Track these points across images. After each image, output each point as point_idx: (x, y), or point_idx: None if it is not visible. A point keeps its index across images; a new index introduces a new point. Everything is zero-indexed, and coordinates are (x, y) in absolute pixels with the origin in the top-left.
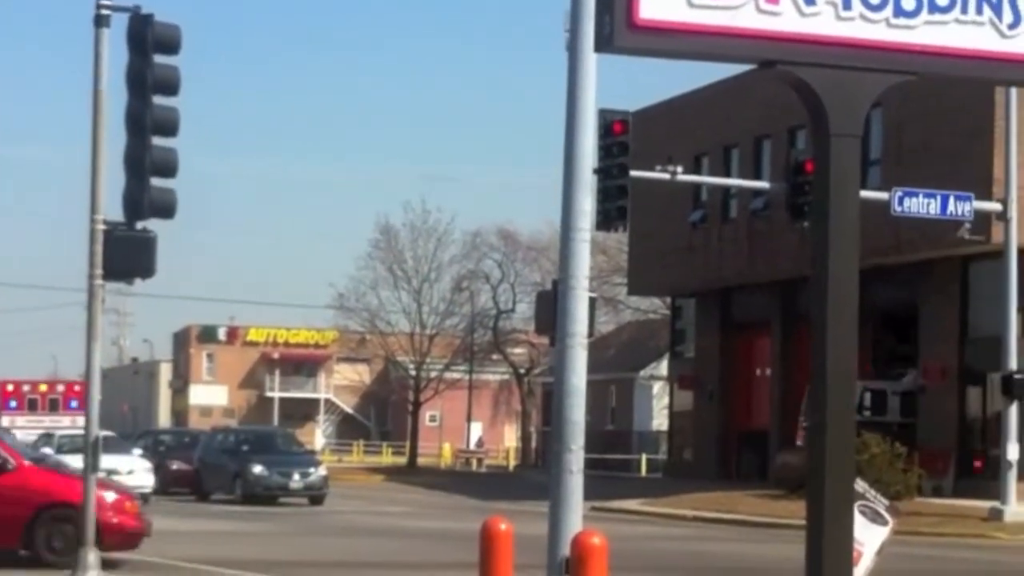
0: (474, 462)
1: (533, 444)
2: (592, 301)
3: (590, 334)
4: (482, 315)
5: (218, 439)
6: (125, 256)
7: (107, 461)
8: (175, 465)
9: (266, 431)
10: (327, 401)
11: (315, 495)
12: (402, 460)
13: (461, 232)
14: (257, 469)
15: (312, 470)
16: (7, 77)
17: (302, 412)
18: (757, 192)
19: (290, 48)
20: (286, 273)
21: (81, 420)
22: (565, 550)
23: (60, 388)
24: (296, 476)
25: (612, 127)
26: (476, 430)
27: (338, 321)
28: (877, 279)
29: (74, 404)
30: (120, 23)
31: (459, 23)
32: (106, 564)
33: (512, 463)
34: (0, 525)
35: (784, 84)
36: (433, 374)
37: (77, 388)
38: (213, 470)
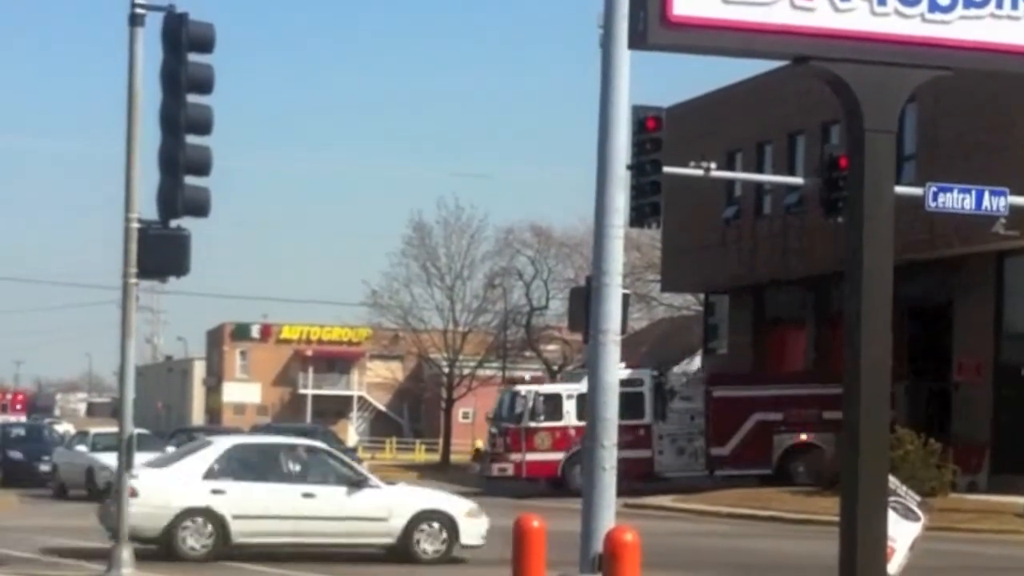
0: None
1: None
2: (625, 297)
3: (623, 331)
4: (515, 312)
5: None
6: (159, 254)
7: (141, 459)
8: None
9: (306, 429)
10: (360, 398)
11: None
12: (435, 457)
13: (494, 229)
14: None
15: None
16: (45, 73)
17: (335, 409)
18: (791, 188)
19: (324, 45)
20: (320, 270)
21: (21, 419)
22: (598, 546)
23: (8, 396)
24: None
25: (645, 123)
26: None
27: (371, 318)
28: (911, 275)
29: (18, 407)
30: (155, 22)
31: (493, 19)
32: (140, 560)
33: None
34: None
35: (818, 80)
36: (466, 371)
37: (20, 396)
38: None
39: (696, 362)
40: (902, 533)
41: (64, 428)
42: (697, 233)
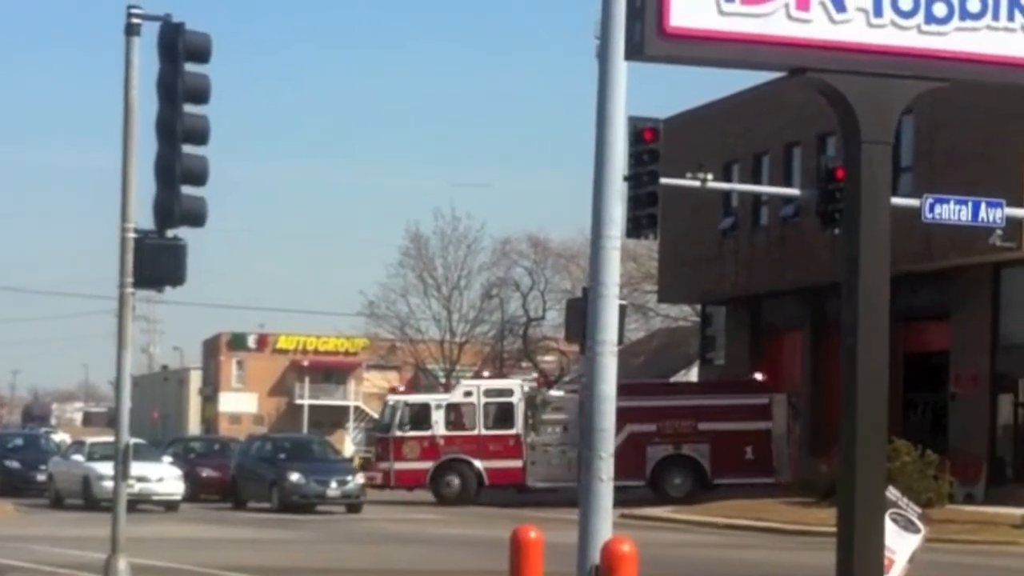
0: None
1: None
2: (622, 308)
3: (620, 341)
4: (512, 322)
5: (255, 447)
6: (155, 264)
7: (137, 468)
8: (205, 472)
9: (303, 439)
10: (357, 408)
11: (352, 503)
12: None
13: (491, 239)
14: (294, 477)
15: (349, 478)
16: (40, 84)
17: (332, 419)
18: (788, 199)
19: (321, 55)
20: (316, 281)
21: None
22: (595, 557)
23: None
24: (333, 484)
25: (642, 134)
26: None
27: (368, 329)
28: (908, 286)
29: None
30: (151, 32)
31: (491, 28)
32: (136, 571)
33: None
34: None
35: (815, 91)
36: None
37: None
38: (250, 478)
39: (693, 373)
40: (902, 545)
41: (60, 437)
42: (694, 244)
